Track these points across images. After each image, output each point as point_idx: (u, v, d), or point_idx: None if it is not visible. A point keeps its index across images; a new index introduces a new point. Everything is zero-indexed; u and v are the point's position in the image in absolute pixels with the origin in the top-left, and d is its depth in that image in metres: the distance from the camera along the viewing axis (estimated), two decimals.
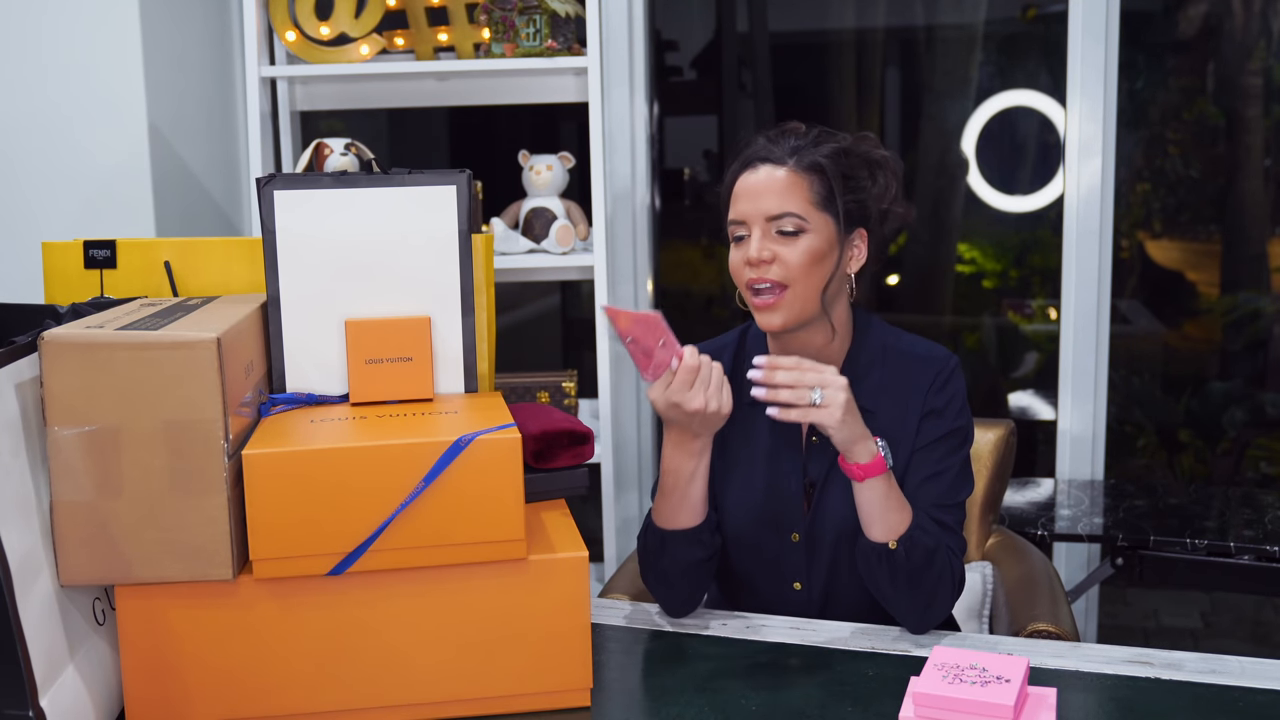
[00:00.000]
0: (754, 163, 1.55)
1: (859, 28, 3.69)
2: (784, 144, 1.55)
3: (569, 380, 2.81)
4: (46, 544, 1.21)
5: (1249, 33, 3.52)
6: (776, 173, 1.53)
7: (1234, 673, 1.39)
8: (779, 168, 1.53)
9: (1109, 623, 3.53)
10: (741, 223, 1.54)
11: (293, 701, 1.29)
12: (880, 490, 1.48)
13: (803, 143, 1.55)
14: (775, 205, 1.51)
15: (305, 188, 1.41)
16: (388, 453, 1.24)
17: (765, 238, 1.52)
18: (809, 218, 1.52)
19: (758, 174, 1.54)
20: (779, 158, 1.54)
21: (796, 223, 1.51)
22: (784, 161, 1.53)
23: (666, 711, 1.32)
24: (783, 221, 1.51)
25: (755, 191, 1.53)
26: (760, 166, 1.54)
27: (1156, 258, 3.72)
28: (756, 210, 1.52)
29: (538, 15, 2.60)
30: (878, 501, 1.48)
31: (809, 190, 1.52)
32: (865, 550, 1.51)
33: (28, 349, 1.22)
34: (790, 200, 1.51)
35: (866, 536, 1.50)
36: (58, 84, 2.49)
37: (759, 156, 1.55)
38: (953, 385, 1.59)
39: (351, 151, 2.49)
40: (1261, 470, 3.66)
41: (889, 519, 1.48)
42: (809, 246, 1.51)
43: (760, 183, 1.53)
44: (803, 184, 1.52)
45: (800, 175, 1.52)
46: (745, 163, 1.56)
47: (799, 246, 1.51)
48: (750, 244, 1.52)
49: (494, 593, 1.30)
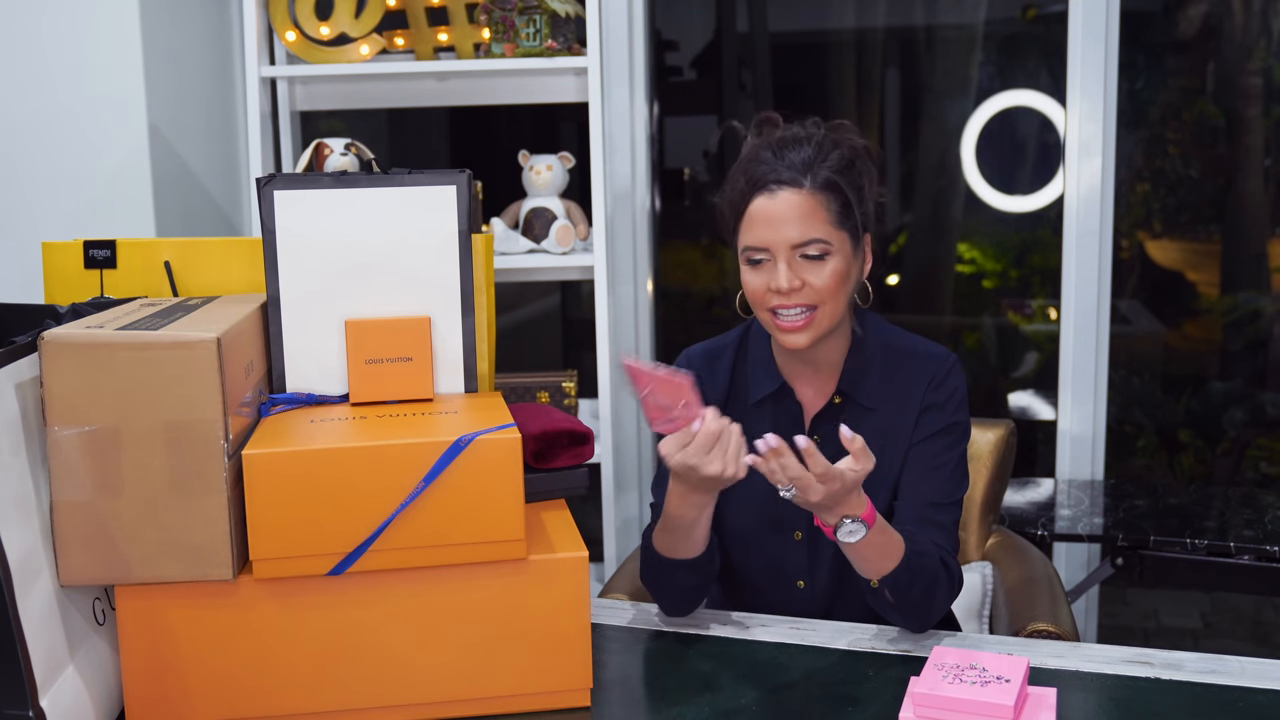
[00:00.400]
0: (769, 186, 1.50)
1: (859, 28, 3.69)
2: (792, 158, 1.51)
3: (569, 380, 2.81)
4: (46, 544, 1.21)
5: (1249, 33, 3.52)
6: (795, 197, 1.49)
7: (1234, 673, 1.39)
8: (796, 191, 1.49)
9: (1109, 623, 3.53)
10: (762, 249, 1.51)
11: (293, 701, 1.29)
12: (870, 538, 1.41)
13: (809, 154, 1.51)
14: (799, 233, 1.49)
15: (305, 188, 1.41)
16: (388, 453, 1.24)
17: (791, 266, 1.49)
18: (832, 239, 1.50)
19: (775, 200, 1.50)
20: (793, 179, 1.50)
21: (822, 247, 1.49)
22: (800, 184, 1.49)
23: (666, 711, 1.32)
24: (808, 248, 1.49)
25: (775, 219, 1.49)
26: (777, 191, 1.50)
27: (1156, 258, 3.72)
28: (780, 239, 1.49)
29: (538, 15, 2.60)
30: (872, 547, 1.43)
31: (827, 211, 1.50)
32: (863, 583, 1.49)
33: (28, 349, 1.22)
34: (813, 226, 1.49)
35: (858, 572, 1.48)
36: (58, 84, 2.49)
37: (773, 179, 1.50)
38: (951, 381, 1.59)
39: (351, 151, 2.49)
40: (1261, 470, 3.66)
41: (884, 564, 1.45)
42: (835, 269, 1.50)
43: (780, 209, 1.49)
44: (821, 205, 1.50)
45: (818, 195, 1.50)
46: (758, 184, 1.51)
47: (826, 270, 1.49)
48: (777, 274, 1.49)
49: (494, 593, 1.30)
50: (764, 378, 1.63)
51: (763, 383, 1.63)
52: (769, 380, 1.63)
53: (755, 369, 1.65)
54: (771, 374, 1.63)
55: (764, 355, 1.64)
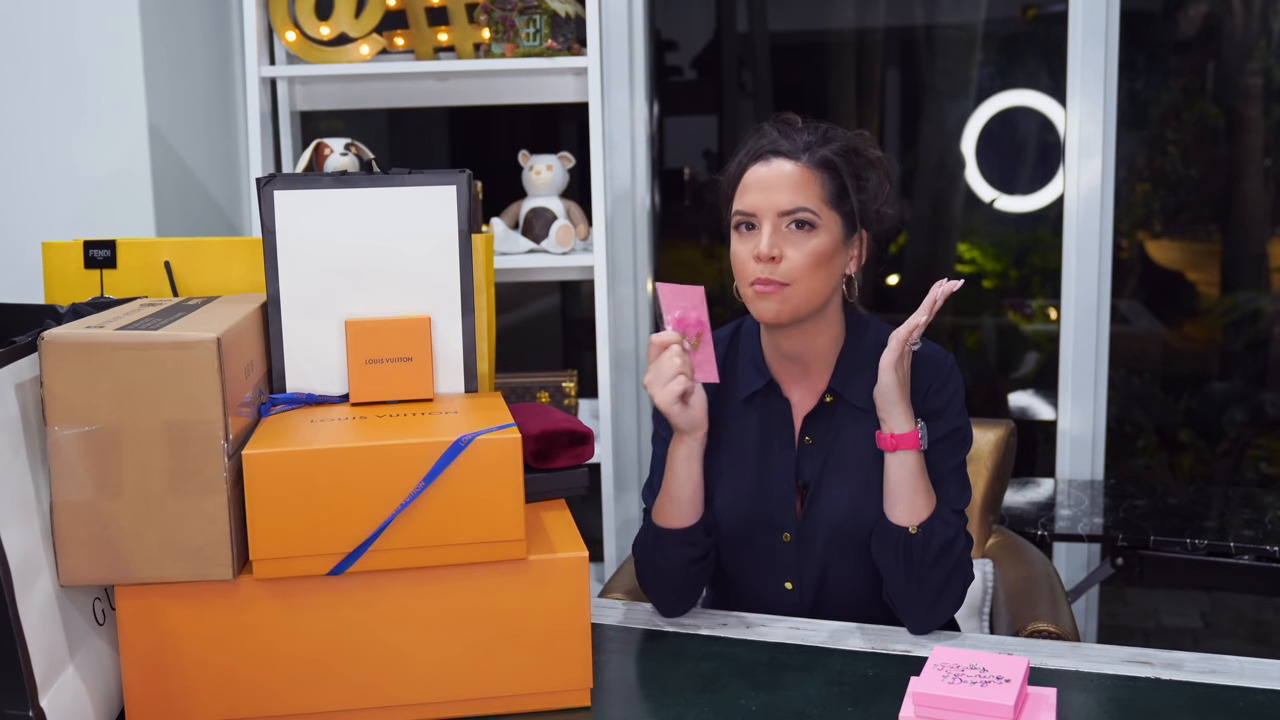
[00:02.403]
0: (766, 155, 1.53)
1: (859, 28, 3.69)
2: (795, 138, 1.53)
3: (569, 380, 2.81)
4: (46, 544, 1.21)
5: (1249, 33, 3.52)
6: (790, 166, 1.51)
7: (1234, 673, 1.39)
8: (792, 162, 1.51)
9: (1109, 623, 3.53)
10: (750, 214, 1.52)
11: (293, 701, 1.29)
12: (910, 467, 1.48)
13: (814, 138, 1.53)
14: (788, 200, 1.50)
15: (305, 188, 1.41)
16: (388, 453, 1.24)
17: (776, 233, 1.50)
18: (821, 214, 1.51)
19: (770, 167, 1.52)
20: (792, 151, 1.52)
21: (809, 217, 1.50)
22: (797, 156, 1.51)
23: (666, 711, 1.32)
24: (795, 215, 1.50)
25: (767, 184, 1.51)
26: (773, 160, 1.52)
27: (1156, 258, 3.72)
28: (769, 203, 1.50)
29: (538, 15, 2.60)
30: (906, 480, 1.48)
31: (821, 187, 1.51)
32: (884, 534, 1.51)
33: (28, 349, 1.22)
34: (803, 195, 1.50)
35: (888, 518, 1.50)
36: (58, 84, 2.49)
37: (771, 149, 1.53)
38: (951, 384, 1.59)
39: (351, 151, 2.49)
40: (1261, 470, 3.66)
41: (915, 501, 1.49)
42: (817, 246, 1.50)
43: (773, 176, 1.51)
44: (815, 180, 1.51)
45: (813, 171, 1.51)
46: (756, 154, 1.54)
47: (809, 245, 1.50)
48: (760, 237, 1.50)
49: (494, 593, 1.30)
50: (753, 374, 1.63)
51: (751, 379, 1.63)
52: (757, 377, 1.63)
53: (744, 365, 1.64)
54: (760, 370, 1.63)
55: (754, 352, 1.64)
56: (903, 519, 1.49)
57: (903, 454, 1.48)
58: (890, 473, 1.50)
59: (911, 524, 1.48)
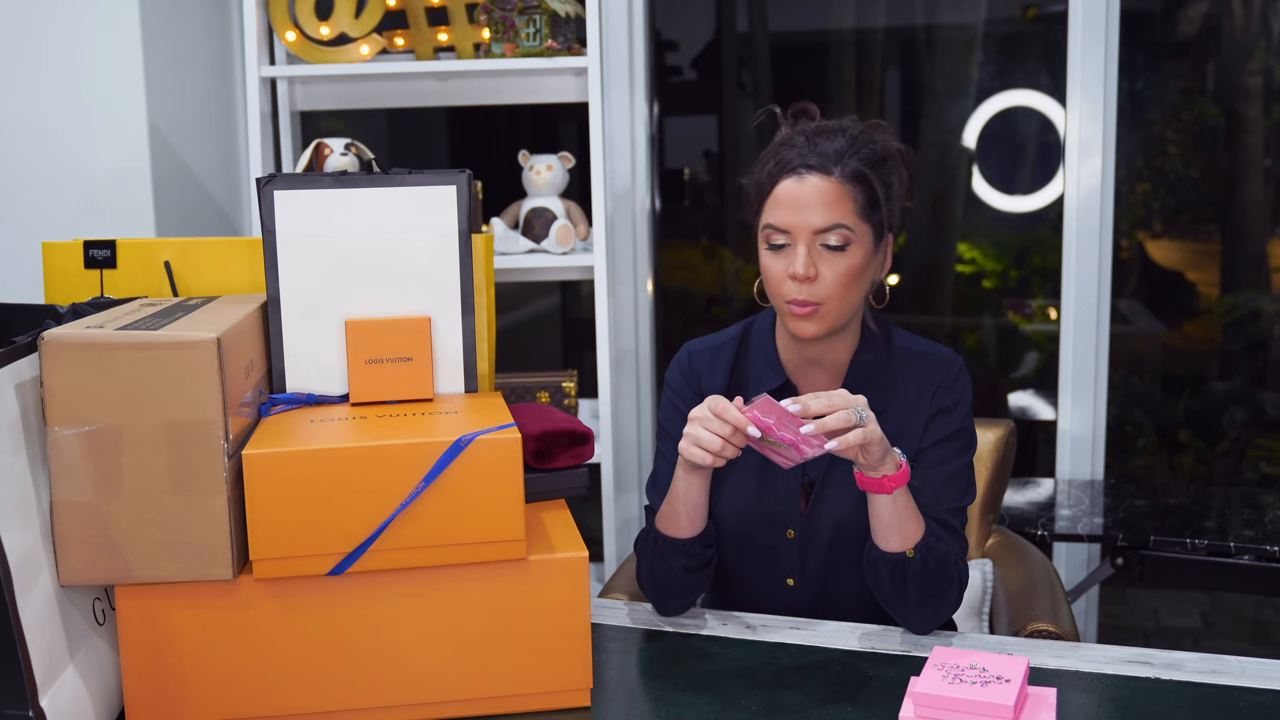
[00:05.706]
0: (797, 169, 1.50)
1: (859, 28, 3.69)
2: (824, 147, 1.51)
3: (569, 380, 2.81)
4: (46, 544, 1.21)
5: (1249, 33, 3.52)
6: (823, 183, 1.49)
7: (1234, 673, 1.39)
8: (825, 178, 1.49)
9: (1109, 623, 3.53)
10: (784, 231, 1.51)
11: (293, 701, 1.29)
12: (903, 500, 1.46)
13: (843, 146, 1.51)
14: (822, 219, 1.48)
15: (305, 188, 1.41)
16: (388, 453, 1.24)
17: (810, 251, 1.49)
18: (855, 229, 1.49)
19: (803, 183, 1.49)
20: (822, 166, 1.49)
21: (844, 234, 1.49)
22: (829, 171, 1.49)
23: (666, 711, 1.32)
24: (829, 235, 1.49)
25: (801, 202, 1.49)
26: (806, 175, 1.50)
27: (1156, 258, 3.72)
28: (802, 222, 1.49)
29: (538, 15, 2.60)
30: (899, 511, 1.46)
31: (853, 201, 1.49)
32: (878, 561, 1.49)
33: (28, 349, 1.22)
34: (837, 211, 1.49)
35: (881, 548, 1.48)
36: (58, 84, 2.49)
37: (801, 163, 1.50)
38: (960, 385, 1.59)
39: (351, 151, 2.49)
40: (1261, 470, 3.66)
41: (906, 528, 1.47)
42: (851, 264, 1.49)
43: (806, 193, 1.49)
44: (848, 194, 1.49)
45: (846, 185, 1.49)
46: (786, 167, 1.51)
47: (843, 264, 1.49)
48: (795, 258, 1.49)
49: (494, 593, 1.30)
50: (766, 373, 1.63)
51: (765, 378, 1.62)
52: (771, 375, 1.62)
53: (757, 364, 1.64)
54: (775, 369, 1.62)
55: (768, 351, 1.64)
56: (897, 547, 1.47)
57: (898, 491, 1.45)
58: (883, 512, 1.46)
59: (908, 547, 1.48)
